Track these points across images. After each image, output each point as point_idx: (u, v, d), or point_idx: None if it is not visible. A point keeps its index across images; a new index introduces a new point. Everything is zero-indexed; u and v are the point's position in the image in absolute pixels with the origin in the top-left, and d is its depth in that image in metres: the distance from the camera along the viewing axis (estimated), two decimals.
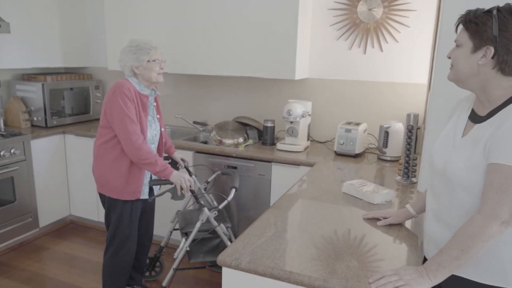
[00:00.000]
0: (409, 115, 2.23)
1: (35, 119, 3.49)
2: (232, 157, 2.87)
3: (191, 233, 2.33)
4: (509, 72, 1.18)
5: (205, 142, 3.32)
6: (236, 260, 1.33)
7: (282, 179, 2.74)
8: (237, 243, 1.45)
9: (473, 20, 1.19)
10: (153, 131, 2.28)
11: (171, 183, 2.18)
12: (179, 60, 3.19)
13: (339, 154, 2.82)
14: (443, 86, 1.94)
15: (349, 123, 2.86)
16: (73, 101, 3.67)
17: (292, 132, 2.91)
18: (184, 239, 2.37)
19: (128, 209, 2.28)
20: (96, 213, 3.52)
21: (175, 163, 2.55)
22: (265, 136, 3.06)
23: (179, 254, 2.34)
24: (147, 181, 2.31)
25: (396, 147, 2.69)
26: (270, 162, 2.77)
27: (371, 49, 2.96)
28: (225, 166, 2.91)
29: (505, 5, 1.17)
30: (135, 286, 2.62)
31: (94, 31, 3.91)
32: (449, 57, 1.29)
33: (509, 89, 1.20)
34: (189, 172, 2.59)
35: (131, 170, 2.21)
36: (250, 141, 3.09)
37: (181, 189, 2.16)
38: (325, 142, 3.21)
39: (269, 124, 3.04)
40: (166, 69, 2.35)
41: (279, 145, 2.92)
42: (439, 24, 2.03)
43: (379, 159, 2.76)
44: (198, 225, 2.31)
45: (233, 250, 1.39)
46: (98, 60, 3.95)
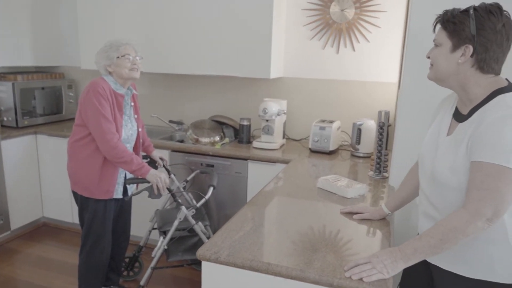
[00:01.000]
0: (380, 112, 2.31)
1: (5, 119, 3.40)
2: (209, 155, 2.89)
3: (169, 231, 2.34)
4: (487, 70, 1.22)
5: (181, 141, 3.33)
6: (215, 253, 1.36)
7: (258, 177, 2.78)
8: (216, 237, 1.47)
9: (451, 20, 1.22)
10: (128, 131, 2.27)
11: (148, 181, 2.18)
12: (153, 59, 3.18)
13: (313, 151, 2.89)
14: (412, 85, 2.03)
15: (323, 121, 2.93)
16: (44, 100, 3.60)
17: (268, 130, 2.96)
18: (162, 238, 2.38)
19: (101, 208, 2.26)
20: (70, 214, 3.46)
21: (153, 162, 2.55)
22: (241, 134, 3.10)
23: (157, 253, 2.34)
24: (121, 181, 2.30)
25: (368, 143, 2.78)
26: (246, 160, 2.81)
27: (344, 48, 3.05)
28: (202, 164, 2.92)
29: (480, 4, 1.21)
30: (112, 287, 2.60)
31: (66, 29, 3.84)
32: (428, 57, 1.32)
33: (488, 87, 1.23)
34: (168, 171, 2.60)
35: (104, 168, 2.20)
36: (227, 140, 3.12)
37: (157, 188, 2.17)
38: (300, 139, 3.28)
39: (245, 123, 3.08)
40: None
41: (255, 143, 2.96)
42: (408, 25, 2.12)
43: (352, 155, 2.84)
44: (176, 223, 2.32)
45: (212, 244, 1.42)
46: (71, 59, 3.88)
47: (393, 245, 1.50)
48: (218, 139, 3.08)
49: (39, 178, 3.49)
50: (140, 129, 2.39)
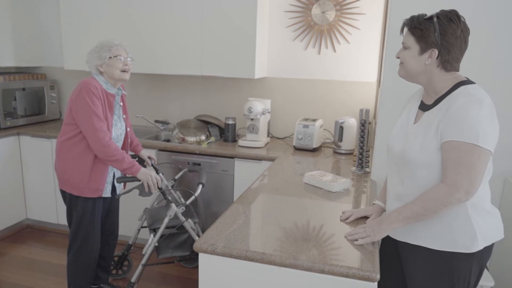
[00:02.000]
0: (361, 110, 2.42)
1: None
2: (195, 154, 2.95)
3: (159, 229, 2.39)
4: (450, 69, 1.42)
5: (168, 141, 3.37)
6: (212, 245, 1.43)
7: (244, 174, 2.86)
8: (211, 230, 1.54)
9: (417, 27, 1.40)
10: (118, 130, 2.31)
11: (139, 180, 2.22)
12: (139, 60, 3.21)
13: (297, 149, 2.98)
14: (392, 83, 2.15)
15: (306, 119, 3.03)
16: (26, 101, 3.56)
17: (253, 129, 3.04)
18: (152, 235, 2.42)
19: (89, 207, 2.29)
20: (55, 215, 3.45)
21: (142, 161, 2.59)
22: (227, 133, 3.16)
23: (147, 250, 2.39)
24: (110, 180, 2.33)
25: (350, 140, 2.89)
26: (232, 158, 2.88)
27: (325, 49, 3.15)
28: (189, 163, 2.97)
29: (441, 12, 1.39)
30: (102, 285, 2.62)
31: (48, 29, 3.81)
32: (398, 57, 1.50)
33: (450, 81, 1.43)
34: (156, 170, 2.64)
35: (94, 167, 2.23)
36: (212, 139, 3.18)
37: (148, 186, 2.22)
38: (284, 138, 3.37)
39: (230, 122, 3.15)
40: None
41: (240, 142, 3.03)
42: (386, 27, 2.24)
43: (335, 152, 2.95)
44: (166, 220, 2.37)
45: (208, 237, 1.48)
46: (53, 59, 3.86)
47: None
48: (204, 138, 3.14)
49: (22, 179, 3.46)
50: (129, 128, 2.43)
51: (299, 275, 1.36)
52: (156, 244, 2.39)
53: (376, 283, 1.30)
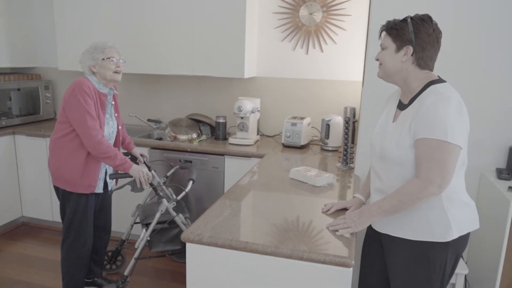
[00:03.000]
0: (346, 108, 2.52)
1: None
2: (187, 151, 3.03)
3: (151, 223, 2.47)
4: (424, 66, 1.51)
5: (160, 139, 3.45)
6: (198, 236, 1.52)
7: (234, 171, 2.95)
8: (198, 222, 1.63)
9: (393, 27, 1.52)
10: (110, 128, 2.39)
11: (131, 176, 2.30)
12: (132, 60, 3.29)
13: (286, 146, 3.08)
14: (373, 83, 2.25)
15: (294, 117, 3.13)
16: (20, 101, 3.63)
17: (243, 127, 3.12)
18: (144, 230, 2.50)
19: (82, 202, 2.36)
20: (50, 213, 3.52)
21: (134, 158, 2.67)
22: (218, 131, 3.25)
23: (140, 244, 2.47)
24: (102, 176, 2.41)
25: (336, 138, 2.99)
26: (223, 155, 2.96)
27: (313, 50, 3.25)
28: (181, 160, 3.06)
29: (415, 15, 1.52)
30: (96, 279, 2.70)
31: (42, 31, 3.88)
32: (377, 59, 1.60)
33: (423, 80, 1.52)
34: (148, 167, 2.72)
35: (87, 164, 2.30)
36: (204, 137, 3.27)
37: (140, 182, 2.30)
38: (273, 136, 3.46)
39: (221, 120, 3.23)
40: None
41: (231, 140, 3.12)
42: (368, 28, 2.33)
43: (322, 149, 3.05)
44: (157, 215, 2.45)
45: (195, 228, 1.57)
46: (48, 60, 3.93)
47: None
48: (196, 136, 3.22)
49: (17, 177, 3.53)
50: (120, 126, 2.51)
51: (280, 262, 1.45)
52: (148, 238, 2.47)
53: (351, 269, 1.40)
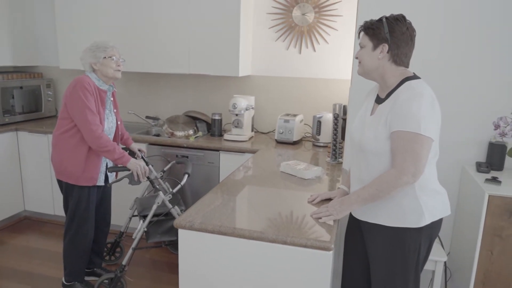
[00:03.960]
0: (335, 105, 2.62)
1: None
2: (183, 147, 3.15)
3: (148, 215, 2.58)
4: (399, 63, 1.61)
5: (158, 135, 3.56)
6: (190, 222, 1.63)
7: (229, 166, 3.06)
8: (191, 210, 1.74)
9: (370, 27, 1.63)
10: (109, 124, 2.50)
11: (129, 169, 2.42)
12: (131, 59, 3.40)
13: (279, 142, 3.19)
14: (360, 81, 2.35)
15: (287, 114, 3.24)
16: (23, 99, 3.75)
17: (238, 124, 3.24)
18: (141, 221, 2.62)
19: (85, 194, 2.48)
20: (51, 207, 3.64)
21: (132, 153, 2.78)
22: (213, 128, 3.36)
23: (137, 235, 2.58)
24: (103, 169, 2.52)
25: (327, 134, 3.10)
26: (218, 150, 3.07)
27: (305, 49, 3.36)
28: (177, 156, 3.17)
29: (390, 15, 1.63)
30: (95, 269, 2.82)
31: (44, 30, 4.00)
32: (357, 57, 1.70)
33: (399, 76, 1.62)
34: (146, 162, 2.83)
35: (89, 157, 2.42)
36: (200, 133, 3.38)
37: (138, 175, 2.41)
38: (268, 132, 3.57)
39: (216, 117, 3.35)
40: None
41: (226, 136, 3.23)
42: (356, 28, 2.44)
43: (313, 145, 3.16)
44: (154, 207, 2.56)
45: (187, 215, 1.68)
46: (49, 59, 4.05)
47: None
48: (192, 132, 3.33)
49: (20, 173, 3.64)
50: (119, 122, 2.62)
51: (265, 246, 1.56)
52: (145, 230, 2.58)
53: (331, 252, 1.51)
